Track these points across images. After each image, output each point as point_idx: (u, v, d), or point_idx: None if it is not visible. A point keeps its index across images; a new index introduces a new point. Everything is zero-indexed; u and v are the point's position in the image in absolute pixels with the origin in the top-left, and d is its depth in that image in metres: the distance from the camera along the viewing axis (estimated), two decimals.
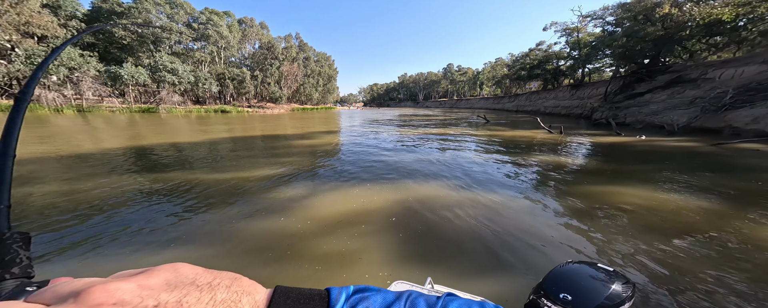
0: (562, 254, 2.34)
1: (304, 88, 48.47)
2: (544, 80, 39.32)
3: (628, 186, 4.25)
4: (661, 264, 2.16)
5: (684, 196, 3.81)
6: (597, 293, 0.84)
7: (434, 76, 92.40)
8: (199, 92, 31.84)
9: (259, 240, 2.54)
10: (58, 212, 3.07)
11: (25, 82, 0.48)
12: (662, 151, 8.12)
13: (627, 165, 6.02)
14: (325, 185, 4.23)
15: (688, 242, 2.51)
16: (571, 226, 2.86)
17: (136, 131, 11.75)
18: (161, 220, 2.91)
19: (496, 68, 62.80)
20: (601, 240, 2.58)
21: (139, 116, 20.59)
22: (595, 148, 8.68)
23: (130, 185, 4.14)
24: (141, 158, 6.23)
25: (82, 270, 2.11)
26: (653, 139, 10.72)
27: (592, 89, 25.25)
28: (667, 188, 4.20)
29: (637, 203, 3.51)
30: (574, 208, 3.35)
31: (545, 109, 31.55)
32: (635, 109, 16.12)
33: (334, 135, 11.77)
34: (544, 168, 5.62)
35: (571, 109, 25.70)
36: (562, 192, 3.99)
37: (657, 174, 5.10)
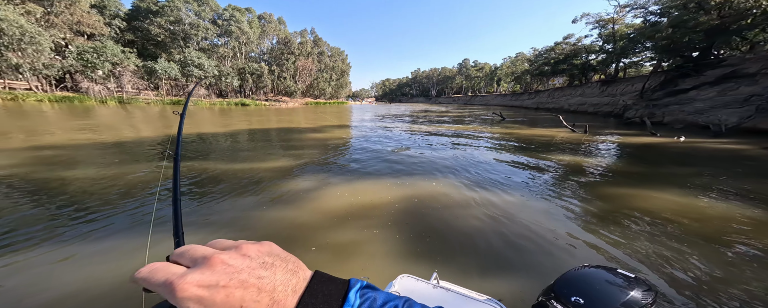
0: (573, 257, 2.23)
1: (317, 83, 49.38)
2: (570, 76, 36.44)
3: (659, 191, 3.90)
4: (689, 273, 1.98)
5: (724, 204, 3.43)
6: (612, 298, 0.81)
7: (448, 72, 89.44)
8: (222, 86, 33.74)
9: (270, 229, 2.62)
10: (98, 195, 3.34)
11: (175, 147, 0.76)
12: (703, 154, 7.30)
13: (659, 168, 5.50)
14: (335, 178, 4.31)
15: (724, 252, 2.29)
16: (587, 229, 2.70)
17: (167, 122, 12.80)
18: (183, 207, 3.12)
19: (516, 63, 59.21)
20: (620, 244, 2.41)
21: (170, 107, 22.35)
22: (624, 148, 7.99)
23: (159, 172, 4.48)
24: (170, 147, 6.80)
25: (109, 244, 2.31)
26: (694, 141, 9.62)
27: (626, 85, 23.03)
28: (705, 194, 3.80)
29: (667, 208, 3.22)
30: (592, 211, 3.15)
31: (569, 107, 29.47)
32: (676, 108, 14.50)
33: (346, 129, 11.94)
34: (562, 168, 5.31)
35: (599, 107, 23.76)
36: (581, 194, 3.75)
37: (694, 178, 4.63)
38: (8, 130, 8.13)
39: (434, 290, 0.95)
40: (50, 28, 21.25)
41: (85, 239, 2.45)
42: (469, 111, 31.46)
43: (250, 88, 39.30)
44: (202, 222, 2.74)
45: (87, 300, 1.72)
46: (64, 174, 4.25)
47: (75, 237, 2.45)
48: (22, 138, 7.12)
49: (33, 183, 3.84)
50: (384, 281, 1.20)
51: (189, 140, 7.87)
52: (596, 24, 28.57)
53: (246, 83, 37.58)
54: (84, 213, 2.96)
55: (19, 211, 3.09)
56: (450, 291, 0.95)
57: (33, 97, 19.26)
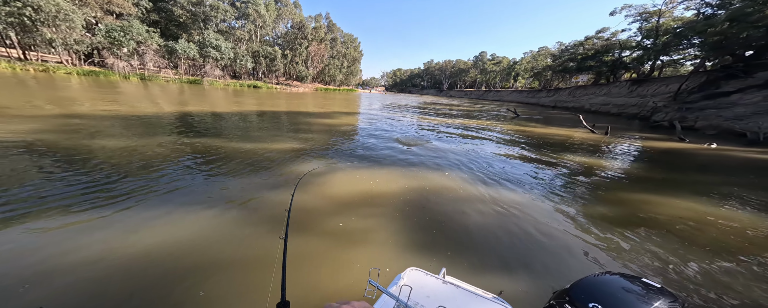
0: (583, 261, 2.14)
1: (328, 69, 49.00)
2: (597, 73, 33.78)
3: (679, 198, 3.68)
4: (711, 287, 1.87)
5: (750, 215, 3.19)
6: (633, 307, 0.77)
7: (463, 64, 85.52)
8: (237, 68, 34.32)
9: (276, 211, 2.61)
10: (116, 166, 3.46)
11: (285, 231, 0.91)
12: (734, 163, 6.74)
13: (683, 175, 5.17)
14: (342, 164, 4.31)
15: (746, 265, 2.15)
16: (599, 233, 2.58)
17: (184, 98, 13.32)
18: (195, 183, 3.13)
19: (538, 58, 55.43)
20: (635, 251, 2.30)
21: (187, 86, 23.17)
22: (646, 153, 7.51)
23: (174, 147, 4.67)
24: (186, 124, 7.08)
25: (122, 219, 2.31)
26: (726, 148, 8.84)
27: (660, 86, 21.10)
28: (730, 204, 3.56)
29: (686, 216, 3.04)
30: (605, 215, 3.00)
31: (591, 107, 27.66)
32: (712, 112, 13.21)
33: (354, 116, 11.94)
34: (577, 169, 5.08)
35: (625, 108, 22.12)
36: (594, 197, 3.59)
37: (721, 187, 4.32)
38: (74, 98, 8.80)
39: (442, 285, 0.94)
40: (83, 7, 22.17)
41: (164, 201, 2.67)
42: (481, 106, 30.24)
43: (262, 71, 39.74)
44: (216, 197, 2.80)
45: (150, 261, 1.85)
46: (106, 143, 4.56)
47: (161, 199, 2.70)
48: (88, 106, 7.69)
49: (81, 149, 4.17)
50: (393, 273, 1.26)
51: (204, 118, 8.18)
52: (638, 17, 25.90)
53: (259, 66, 37.98)
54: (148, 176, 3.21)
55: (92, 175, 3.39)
56: (458, 288, 0.94)
57: (62, 69, 20.55)
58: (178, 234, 2.17)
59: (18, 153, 3.68)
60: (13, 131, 4.65)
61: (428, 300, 0.86)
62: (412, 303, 0.80)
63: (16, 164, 3.31)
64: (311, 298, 1.60)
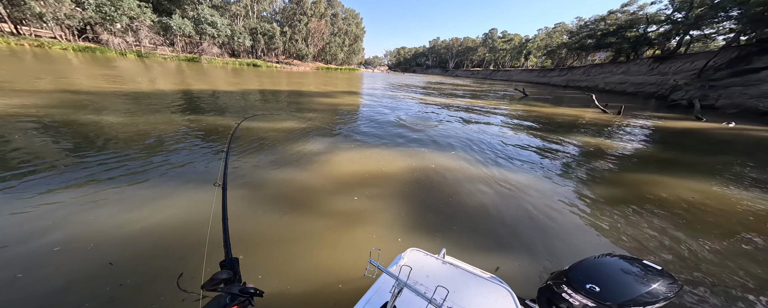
0: (584, 242, 2.12)
1: (329, 47, 46.66)
2: (617, 51, 31.38)
3: (689, 179, 3.60)
4: (710, 267, 1.86)
5: (757, 195, 3.13)
6: (631, 289, 0.78)
7: (471, 42, 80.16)
8: (235, 45, 32.93)
9: (278, 190, 2.59)
10: (123, 141, 3.50)
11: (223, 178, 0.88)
12: (751, 142, 6.51)
13: (695, 155, 5.01)
14: (344, 144, 4.26)
15: (748, 245, 2.12)
16: (601, 214, 2.54)
17: (184, 77, 13.05)
18: (197, 161, 3.13)
19: (553, 35, 51.34)
20: (636, 233, 2.27)
21: (185, 64, 22.55)
22: (660, 132, 7.25)
23: (178, 124, 4.65)
24: (187, 101, 7.01)
25: (133, 193, 2.33)
26: (746, 127, 8.46)
27: (685, 62, 19.61)
28: (739, 184, 3.47)
29: (694, 198, 2.98)
30: (609, 196, 2.95)
31: (606, 86, 26.21)
32: (737, 89, 12.41)
33: (356, 96, 11.62)
34: (584, 150, 4.93)
35: (642, 87, 20.93)
36: (600, 179, 3.51)
37: (733, 167, 4.21)
38: (75, 74, 8.73)
39: (442, 266, 0.95)
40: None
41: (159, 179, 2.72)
42: (488, 85, 28.99)
43: (261, 49, 38.15)
44: (207, 180, 2.73)
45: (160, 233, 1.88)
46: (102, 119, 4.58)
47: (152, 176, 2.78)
48: (90, 82, 7.64)
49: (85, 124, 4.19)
50: (393, 253, 1.15)
51: (204, 96, 8.06)
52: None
53: (258, 44, 36.34)
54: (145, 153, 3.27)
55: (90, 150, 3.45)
56: (457, 268, 0.94)
57: (58, 45, 20.07)
58: (184, 209, 2.21)
59: (30, 128, 3.72)
60: (22, 106, 4.68)
61: (427, 279, 0.87)
62: (411, 282, 0.80)
63: (30, 139, 3.36)
64: (312, 277, 1.58)
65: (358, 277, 1.59)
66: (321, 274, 1.62)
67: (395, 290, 0.66)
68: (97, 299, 1.40)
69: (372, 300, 0.76)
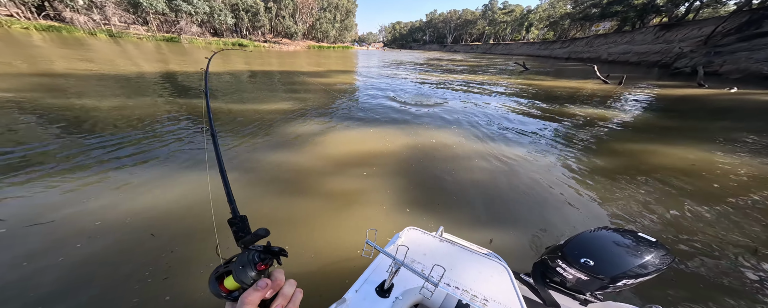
0: (580, 215, 2.09)
1: (320, 24, 43.38)
2: (623, 20, 29.78)
3: (685, 146, 3.59)
4: (700, 235, 1.86)
5: (750, 160, 3.13)
6: (625, 261, 0.78)
7: (470, 15, 75.36)
8: (216, 24, 30.34)
9: (274, 173, 2.53)
10: (111, 126, 3.36)
11: (209, 123, 0.71)
12: (751, 106, 6.49)
13: (694, 122, 4.98)
14: (339, 124, 4.13)
15: (740, 212, 2.12)
16: (598, 187, 2.51)
17: (164, 57, 12.16)
18: (188, 145, 3.03)
19: (557, 5, 48.12)
20: (632, 204, 2.25)
21: (164, 45, 20.89)
22: (660, 101, 7.14)
23: (164, 107, 4.39)
24: (172, 83, 6.55)
25: (120, 176, 2.26)
26: (747, 92, 8.42)
27: (692, 29, 18.84)
28: (734, 149, 3.47)
29: (689, 166, 2.97)
30: (606, 168, 2.92)
31: (609, 56, 25.49)
32: (744, 55, 12.13)
33: (351, 75, 11.09)
34: (583, 123, 4.83)
35: (646, 56, 20.39)
36: (598, 150, 3.47)
37: (726, 133, 4.20)
38: (46, 56, 7.97)
39: (439, 243, 0.95)
40: None
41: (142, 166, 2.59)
42: (488, 60, 27.84)
43: (246, 28, 35.34)
44: (201, 161, 2.67)
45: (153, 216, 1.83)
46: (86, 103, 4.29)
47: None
48: (64, 64, 7.01)
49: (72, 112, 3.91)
50: (391, 232, 1.20)
51: (191, 78, 7.56)
52: None
53: (241, 22, 33.52)
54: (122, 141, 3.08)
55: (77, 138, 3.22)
56: (454, 245, 0.94)
57: (18, 23, 18.24)
58: (179, 193, 2.13)
59: (7, 112, 3.49)
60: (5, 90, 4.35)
61: (425, 257, 0.87)
62: (408, 261, 0.80)
63: (9, 123, 3.18)
64: (311, 259, 1.57)
65: (358, 257, 1.59)
66: (320, 255, 1.61)
67: (392, 269, 0.66)
68: (156, 264, 1.51)
69: (370, 279, 0.76)
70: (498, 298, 0.73)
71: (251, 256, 0.32)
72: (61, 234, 1.66)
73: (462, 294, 0.73)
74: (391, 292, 0.71)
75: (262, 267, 0.32)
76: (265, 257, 0.33)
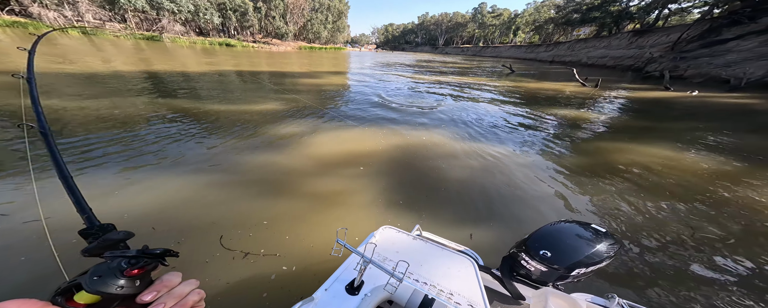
0: (554, 211, 2.23)
1: (311, 25, 42.93)
2: (601, 25, 31.57)
3: (650, 146, 3.87)
4: (655, 226, 2.05)
5: (710, 158, 3.44)
6: (578, 251, 0.84)
7: (461, 18, 77.11)
8: (201, 23, 29.34)
9: (259, 174, 2.52)
10: (84, 127, 3.23)
11: (36, 118, 0.61)
12: (710, 109, 7.06)
13: (659, 123, 5.36)
14: (328, 125, 4.14)
15: (690, 206, 2.35)
16: (569, 184, 2.68)
17: (144, 56, 11.66)
18: (171, 146, 2.96)
19: (542, 10, 50.28)
20: (599, 198, 2.42)
21: (144, 43, 19.91)
22: (631, 103, 7.64)
23: (145, 109, 4.24)
24: (154, 83, 6.32)
25: (94, 181, 2.17)
26: (707, 95, 9.19)
27: (661, 36, 20.26)
28: (696, 149, 3.80)
29: (652, 163, 3.21)
30: (580, 166, 3.10)
31: (588, 60, 26.83)
32: (705, 60, 13.22)
33: (343, 76, 11.07)
34: (561, 123, 5.10)
35: (621, 60, 21.65)
36: (572, 149, 3.68)
37: (691, 133, 4.57)
38: (9, 53, 7.40)
39: (413, 241, 0.96)
40: None
41: None
42: (477, 62, 28.57)
43: (234, 27, 34.41)
44: (183, 162, 2.63)
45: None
46: None
47: None
48: (36, 62, 6.54)
49: None
50: (365, 231, 1.14)
51: (172, 78, 7.31)
52: None
53: (229, 21, 32.60)
54: None
55: None
56: (427, 242, 0.96)
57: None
58: (169, 197, 2.10)
59: None
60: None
61: (397, 255, 0.88)
62: (379, 258, 0.80)
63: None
64: (290, 259, 1.58)
65: (333, 257, 1.59)
66: (297, 255, 1.63)
67: (361, 266, 0.67)
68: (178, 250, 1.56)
69: (341, 277, 0.77)
70: (463, 292, 0.75)
71: (116, 263, 0.29)
72: None
73: (429, 289, 0.74)
74: (361, 290, 0.71)
75: (135, 272, 0.29)
76: (138, 260, 0.29)
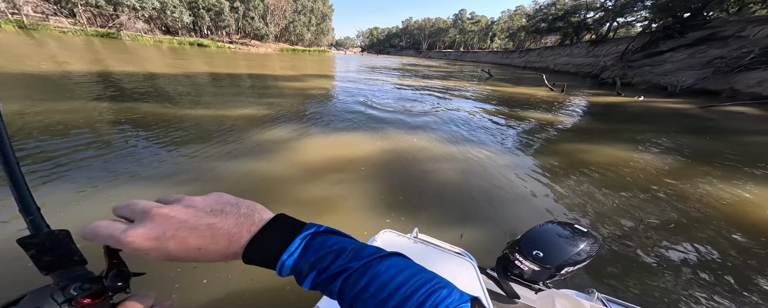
0: (536, 210, 2.37)
1: (294, 26, 41.79)
2: (564, 34, 34.99)
3: (610, 146, 4.37)
4: (615, 217, 2.33)
5: (656, 156, 3.99)
6: (565, 251, 0.91)
7: (443, 23, 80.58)
8: (168, 21, 27.08)
9: (242, 183, 2.41)
10: (39, 134, 2.91)
11: None
12: (654, 112, 8.15)
13: (616, 125, 6.07)
14: (314, 129, 4.06)
15: (643, 197, 2.70)
16: (547, 183, 2.93)
17: (98, 56, 10.50)
18: (139, 154, 2.74)
19: (514, 18, 54.47)
20: (573, 197, 2.66)
21: (98, 41, 17.77)
22: (591, 107, 8.58)
23: (109, 113, 3.85)
24: (113, 85, 5.71)
25: (51, 192, 1.98)
26: (651, 100, 10.60)
27: (612, 46, 22.97)
28: (644, 148, 4.37)
29: (613, 162, 3.63)
30: (554, 166, 3.42)
31: (555, 67, 29.39)
32: (647, 69, 15.25)
33: (328, 79, 10.94)
34: (535, 126, 5.56)
35: (582, 67, 24.06)
36: (547, 150, 4.05)
37: (640, 134, 5.23)
38: None
39: (413, 244, 0.99)
40: None
41: None
42: (459, 67, 30.03)
43: (207, 27, 32.29)
44: (163, 174, 2.42)
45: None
46: None
47: None
48: None
49: None
50: (366, 237, 1.25)
51: (136, 79, 6.69)
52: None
53: (201, 20, 30.51)
54: None
55: None
56: (427, 245, 0.99)
57: None
58: None
59: None
60: None
61: None
62: None
63: None
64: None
65: None
66: None
67: None
68: None
69: None
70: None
71: (62, 289, 0.21)
72: None
73: None
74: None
75: (86, 301, 0.21)
76: (90, 287, 0.22)
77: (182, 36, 28.77)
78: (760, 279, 1.77)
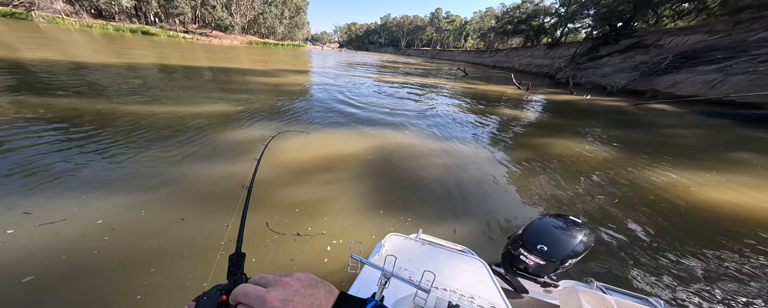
0: (517, 201, 2.49)
1: (264, 18, 38.49)
2: (526, 37, 38.37)
3: (564, 139, 4.98)
4: (576, 201, 2.59)
5: (598, 147, 4.66)
6: (567, 243, 0.92)
7: (420, 21, 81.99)
8: (101, 4, 22.80)
9: (212, 186, 2.22)
10: None
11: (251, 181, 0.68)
12: (598, 109, 9.51)
13: (570, 120, 6.95)
14: (293, 127, 3.86)
15: (593, 182, 3.12)
16: (523, 175, 3.12)
17: (3, 39, 8.48)
18: (79, 159, 2.36)
19: (485, 19, 57.90)
20: (545, 187, 2.86)
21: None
22: (550, 104, 9.66)
23: (23, 111, 3.21)
24: (29, 76, 4.77)
25: None
26: (595, 98, 12.32)
27: (565, 49, 25.95)
28: (591, 140, 5.07)
29: (568, 153, 4.12)
30: (526, 158, 3.72)
31: (520, 67, 32.09)
32: (592, 71, 17.61)
33: (304, 75, 10.47)
34: (507, 121, 6.07)
35: (541, 68, 26.73)
36: (517, 144, 4.46)
37: (588, 128, 6.06)
38: None
39: (421, 246, 0.98)
40: None
41: None
42: (436, 64, 31.06)
43: (155, 14, 28.02)
44: (106, 181, 2.11)
45: None
46: None
47: None
48: None
49: None
50: (372, 240, 1.21)
51: (59, 69, 5.59)
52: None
53: (147, 6, 26.31)
54: None
55: None
56: (434, 246, 0.99)
57: None
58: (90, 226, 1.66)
59: None
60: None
61: (410, 263, 0.87)
62: (396, 270, 0.77)
63: None
64: None
65: (331, 272, 1.54)
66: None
67: (382, 281, 0.61)
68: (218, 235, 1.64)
69: (359, 292, 0.74)
70: (482, 294, 0.76)
71: (214, 291, 0.33)
72: None
73: (450, 295, 0.73)
74: (383, 303, 0.72)
75: (224, 298, 0.33)
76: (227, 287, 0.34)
77: (120, 22, 24.52)
78: (681, 241, 2.18)
